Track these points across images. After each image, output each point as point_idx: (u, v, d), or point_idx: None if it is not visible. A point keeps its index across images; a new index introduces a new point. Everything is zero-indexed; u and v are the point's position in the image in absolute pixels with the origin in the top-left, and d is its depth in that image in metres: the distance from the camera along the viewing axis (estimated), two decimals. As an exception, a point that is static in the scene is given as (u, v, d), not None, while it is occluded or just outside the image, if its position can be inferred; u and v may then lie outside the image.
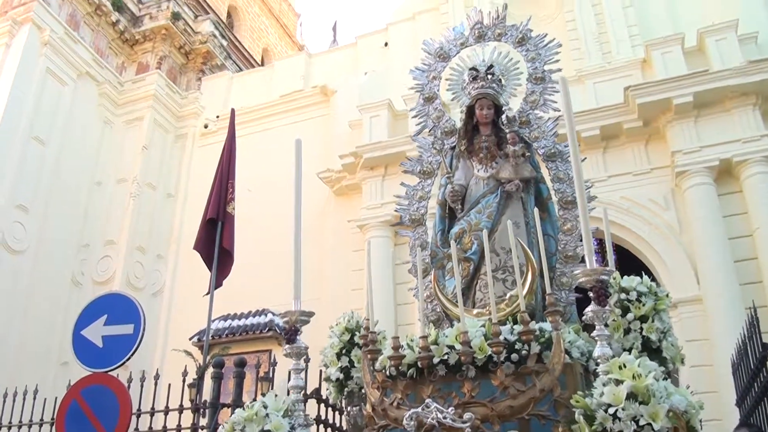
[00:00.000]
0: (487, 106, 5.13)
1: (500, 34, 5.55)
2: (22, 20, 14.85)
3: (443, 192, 5.19)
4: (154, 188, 16.13)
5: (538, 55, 5.42)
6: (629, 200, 11.74)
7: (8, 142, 13.75)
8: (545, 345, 3.57)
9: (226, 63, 18.96)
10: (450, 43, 5.70)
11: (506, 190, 4.93)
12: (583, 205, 3.30)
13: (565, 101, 3.43)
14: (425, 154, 5.53)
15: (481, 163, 5.17)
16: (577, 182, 3.31)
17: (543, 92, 5.33)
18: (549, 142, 5.19)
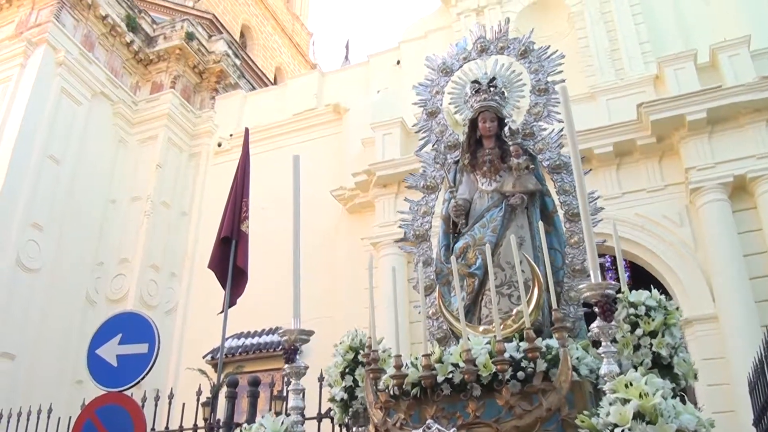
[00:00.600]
0: (489, 119, 5.07)
1: (503, 47, 5.52)
2: (38, 41, 15.02)
3: (447, 207, 5.11)
4: (168, 206, 16.21)
5: (541, 66, 5.37)
6: (643, 217, 11.67)
7: (23, 161, 13.87)
8: (552, 362, 3.48)
9: (239, 82, 19.08)
10: (453, 58, 5.66)
11: (511, 204, 4.85)
12: (586, 216, 3.21)
13: (566, 111, 3.36)
14: (429, 169, 5.48)
15: (485, 176, 5.09)
16: (579, 193, 3.24)
17: (547, 104, 5.26)
18: (554, 154, 5.13)
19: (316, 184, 14.61)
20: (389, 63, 16.18)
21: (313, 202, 14.50)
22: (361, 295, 13.49)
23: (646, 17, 13.73)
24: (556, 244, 4.90)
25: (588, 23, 14.16)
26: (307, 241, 13.89)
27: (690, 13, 13.59)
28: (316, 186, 14.51)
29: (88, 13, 16.38)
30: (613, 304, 3.01)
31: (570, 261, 4.83)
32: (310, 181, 14.80)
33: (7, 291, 12.88)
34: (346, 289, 13.39)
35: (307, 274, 14.67)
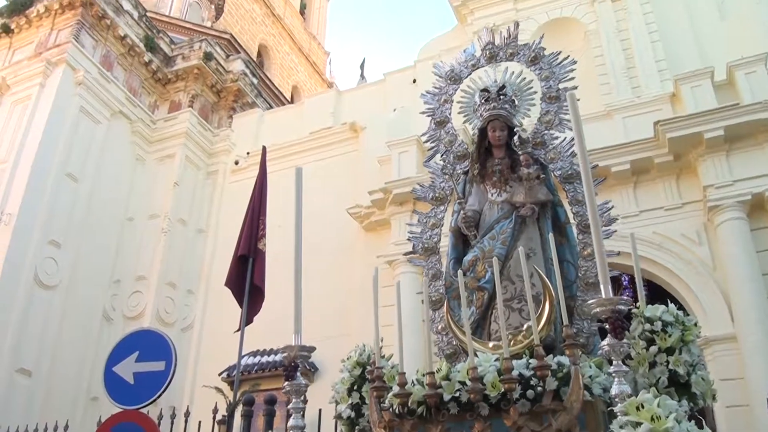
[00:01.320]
0: (499, 128, 4.93)
1: (512, 53, 5.37)
2: (57, 61, 15.21)
3: (456, 219, 4.98)
4: (185, 224, 16.28)
5: (552, 73, 5.20)
6: (661, 235, 11.58)
7: (42, 179, 14.00)
8: (563, 381, 3.31)
9: (256, 100, 19.20)
10: (461, 65, 5.52)
11: (521, 215, 4.70)
12: (596, 226, 3.01)
13: (575, 118, 3.20)
14: (438, 180, 5.32)
15: (495, 187, 4.93)
16: (589, 201, 3.04)
17: (558, 112, 5.10)
18: (566, 163, 4.96)
19: (332, 202, 14.64)
20: (405, 81, 16.23)
21: (329, 220, 14.53)
22: (382, 313, 13.41)
23: (662, 35, 13.71)
24: (568, 256, 4.73)
25: (604, 41, 14.16)
26: (324, 259, 14.07)
27: (706, 31, 13.56)
28: (333, 204, 14.54)
29: (107, 33, 16.56)
30: (625, 320, 2.83)
31: (583, 274, 4.65)
32: (326, 200, 14.89)
33: (24, 308, 12.96)
34: (362, 307, 13.36)
35: (323, 292, 14.77)
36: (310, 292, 13.63)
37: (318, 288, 13.69)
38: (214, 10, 25.91)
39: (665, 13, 14.01)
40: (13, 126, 14.75)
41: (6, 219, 13.34)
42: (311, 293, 13.33)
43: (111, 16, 16.55)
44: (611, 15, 14.45)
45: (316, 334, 12.31)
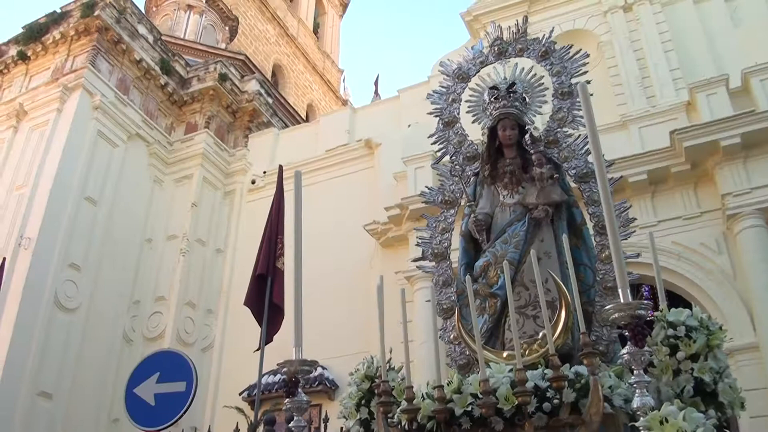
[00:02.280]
0: (510, 127, 4.72)
1: (522, 49, 5.17)
2: (73, 86, 15.36)
3: (466, 222, 4.75)
4: (204, 244, 16.35)
5: (564, 68, 4.99)
6: (680, 245, 11.50)
7: (61, 202, 14.11)
8: (582, 392, 3.14)
9: (272, 120, 19.30)
10: (469, 63, 5.31)
11: (534, 217, 4.47)
12: (612, 225, 2.73)
13: (587, 112, 2.94)
14: (447, 183, 5.09)
15: (506, 188, 4.71)
16: (604, 199, 2.77)
17: (571, 108, 4.88)
18: (580, 162, 4.74)
19: (349, 219, 14.67)
20: (419, 97, 16.20)
21: (346, 238, 14.55)
22: (398, 328, 13.37)
23: (675, 44, 13.68)
24: (585, 259, 4.50)
25: (617, 52, 14.16)
26: (342, 277, 14.08)
27: (719, 39, 13.52)
28: (350, 221, 14.56)
29: (122, 57, 16.73)
30: (646, 326, 2.60)
31: (602, 278, 4.42)
32: (343, 217, 14.94)
33: (45, 330, 13.02)
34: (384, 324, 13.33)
35: (342, 309, 14.72)
36: (329, 310, 13.69)
37: (337, 305, 13.69)
38: (228, 32, 26.13)
39: (678, 22, 13.98)
40: (31, 151, 14.89)
41: (26, 243, 13.44)
42: (330, 311, 13.47)
43: (126, 41, 16.72)
44: (624, 25, 14.45)
45: (335, 352, 12.41)
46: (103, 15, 16.15)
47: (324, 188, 15.84)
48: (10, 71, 16.98)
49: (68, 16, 16.58)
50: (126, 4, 17.20)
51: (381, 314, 3.87)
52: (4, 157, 15.24)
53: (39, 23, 16.91)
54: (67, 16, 16.61)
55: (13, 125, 15.59)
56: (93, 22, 16.08)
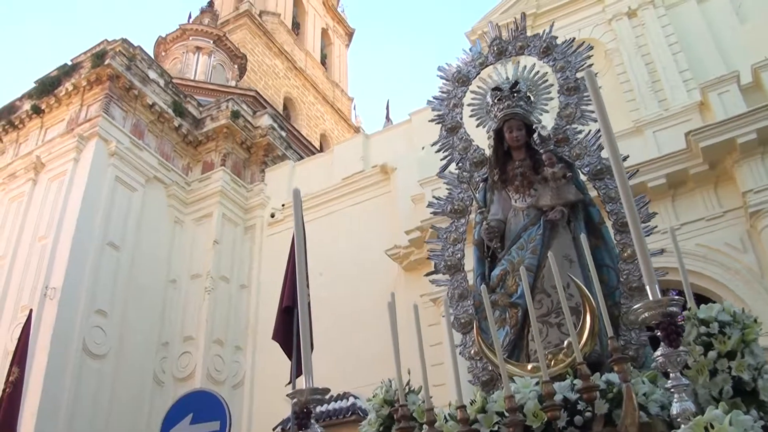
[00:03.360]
0: (516, 128, 4.54)
1: (522, 47, 4.99)
2: (89, 135, 15.54)
3: (478, 230, 4.57)
4: (228, 281, 16.38)
5: (568, 63, 4.81)
6: (705, 246, 11.37)
7: (84, 250, 14.22)
8: (615, 402, 2.95)
9: (286, 153, 19.39)
10: (468, 65, 5.13)
11: (550, 219, 4.27)
12: (634, 219, 2.49)
13: (597, 100, 2.72)
14: (455, 191, 4.91)
15: (518, 192, 4.52)
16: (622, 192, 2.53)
17: (579, 103, 4.71)
18: (593, 159, 4.55)
19: (370, 246, 14.67)
20: (431, 118, 16.29)
21: (368, 264, 14.54)
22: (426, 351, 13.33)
23: (682, 45, 13.65)
24: (607, 260, 4.29)
25: (625, 59, 14.14)
26: (366, 303, 14.05)
27: (726, 36, 13.47)
28: (371, 247, 14.56)
29: (135, 103, 16.92)
30: (680, 324, 2.39)
31: (626, 278, 4.21)
32: (364, 243, 14.95)
33: (75, 378, 13.06)
34: (408, 347, 13.27)
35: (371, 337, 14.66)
36: (354, 338, 13.65)
37: (366, 333, 13.64)
38: (237, 69, 26.39)
39: (683, 24, 13.96)
40: (51, 202, 15.05)
41: (51, 293, 13.54)
42: (355, 338, 13.44)
43: (138, 87, 16.91)
44: (629, 32, 14.44)
45: (368, 380, 12.27)
46: (114, 63, 16.37)
47: (343, 216, 15.88)
48: (25, 126, 17.21)
49: (79, 67, 16.83)
50: (135, 51, 17.43)
51: (394, 333, 3.68)
52: (25, 211, 15.39)
53: (51, 77, 17.16)
54: (78, 68, 16.86)
55: (31, 178, 15.78)
56: (104, 71, 16.30)
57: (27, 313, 11.51)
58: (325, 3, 36.34)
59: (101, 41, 17.16)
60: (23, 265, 14.46)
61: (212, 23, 27.01)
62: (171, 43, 25.88)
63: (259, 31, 30.02)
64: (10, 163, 16.67)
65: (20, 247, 14.85)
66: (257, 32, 29.93)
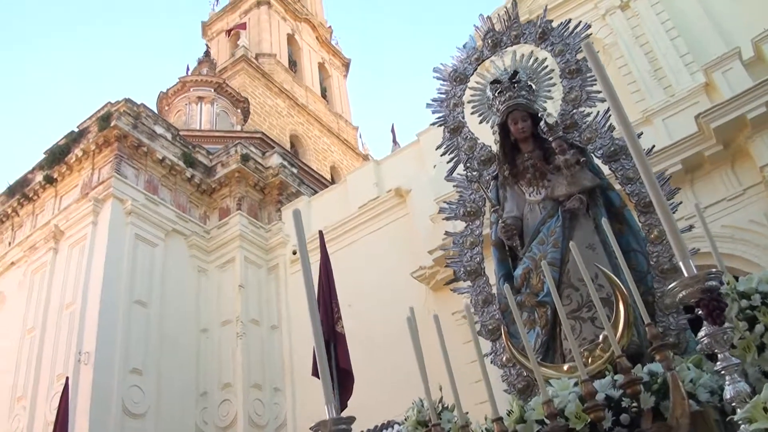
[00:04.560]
0: (521, 119, 4.39)
1: (517, 35, 4.84)
2: (104, 197, 15.66)
3: (495, 230, 4.39)
4: (258, 323, 16.36)
5: (566, 45, 4.65)
6: (730, 227, 11.24)
7: (112, 311, 14.26)
8: (661, 393, 2.77)
9: (300, 189, 19.45)
10: (464, 63, 4.99)
11: (568, 209, 4.09)
12: (658, 195, 2.26)
13: (599, 71, 2.53)
14: (466, 193, 4.77)
15: (531, 185, 4.36)
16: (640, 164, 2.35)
17: (583, 85, 4.54)
18: (606, 140, 4.37)
19: (395, 270, 14.60)
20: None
21: (396, 289, 14.46)
22: (463, 369, 13.15)
23: (679, 30, 13.58)
24: (634, 244, 4.08)
25: (625, 51, 14.09)
26: (397, 328, 13.83)
27: (722, 13, 13.39)
28: (395, 272, 14.50)
29: (146, 159, 17.05)
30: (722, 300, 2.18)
31: (656, 261, 4.00)
32: (388, 269, 14.89)
33: (118, 440, 13.06)
34: (443, 370, 13.15)
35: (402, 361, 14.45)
36: (391, 364, 13.53)
37: (397, 357, 13.49)
38: (241, 113, 26.57)
39: (677, 7, 13.91)
40: (74, 268, 15.12)
41: (85, 358, 13.56)
42: (391, 364, 13.33)
43: (147, 143, 17.05)
44: (625, 24, 14.41)
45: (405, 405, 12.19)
46: (120, 124, 16.52)
47: (364, 245, 15.84)
48: (39, 197, 17.38)
49: (87, 132, 16.99)
50: (140, 109, 17.60)
51: (417, 348, 3.60)
52: (49, 280, 15.46)
53: (60, 145, 17.33)
54: (85, 133, 17.02)
55: (52, 247, 15.88)
56: (111, 132, 16.44)
57: (63, 381, 11.54)
58: (318, 38, 36.62)
59: (105, 104, 17.31)
60: (54, 334, 14.50)
61: (211, 72, 27.23)
62: (173, 96, 26.12)
63: (257, 74, 30.27)
64: (29, 235, 16.81)
65: (49, 316, 14.90)
66: (256, 75, 30.18)
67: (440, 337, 3.61)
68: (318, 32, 36.71)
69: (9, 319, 15.75)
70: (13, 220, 17.78)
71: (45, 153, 17.51)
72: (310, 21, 36.44)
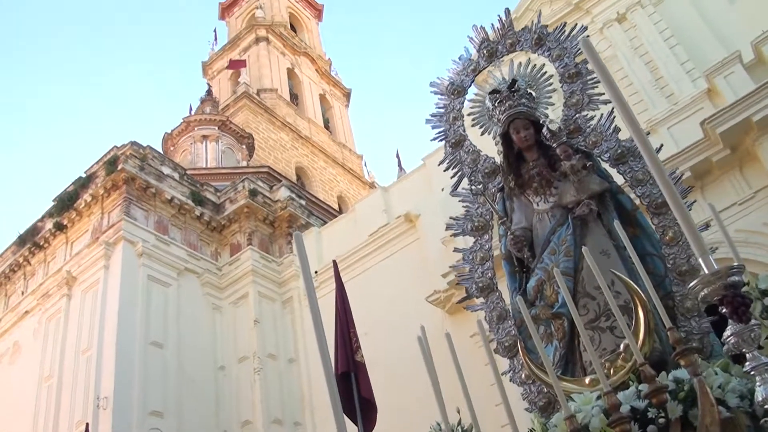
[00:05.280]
0: (523, 127, 4.30)
1: (513, 43, 4.78)
2: (114, 240, 15.70)
3: (504, 243, 4.30)
4: (275, 358, 16.28)
5: (564, 49, 4.58)
6: (744, 231, 11.15)
7: (129, 354, 14.23)
8: (689, 401, 2.65)
9: (309, 220, 19.45)
10: (460, 75, 4.94)
11: (577, 216, 3.98)
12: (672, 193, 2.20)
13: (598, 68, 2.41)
14: (472, 207, 4.65)
15: (538, 194, 4.26)
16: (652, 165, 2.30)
17: (584, 89, 4.46)
18: (612, 143, 4.27)
19: (409, 296, 14.53)
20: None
21: (411, 315, 14.35)
22: (486, 391, 13.04)
23: (678, 38, 13.60)
24: (649, 247, 3.96)
25: (624, 63, 14.11)
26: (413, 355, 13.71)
27: (718, 18, 13.40)
28: (410, 297, 14.42)
29: (154, 200, 17.11)
30: (746, 295, 2.04)
31: (673, 263, 3.87)
32: (403, 295, 14.81)
33: (141, 485, 12.97)
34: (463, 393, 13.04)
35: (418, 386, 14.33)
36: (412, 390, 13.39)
37: (414, 385, 13.40)
38: (246, 149, 26.69)
39: (674, 16, 13.94)
40: (88, 313, 15.12)
41: (104, 403, 13.50)
42: (413, 391, 13.16)
43: (154, 184, 17.12)
44: (623, 35, 14.44)
45: None
46: (127, 167, 16.60)
47: (377, 272, 15.79)
48: (50, 244, 17.43)
49: (94, 177, 17.08)
50: (146, 151, 17.71)
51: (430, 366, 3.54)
52: (64, 327, 15.45)
53: (68, 192, 17.42)
54: (93, 178, 17.12)
55: (65, 294, 15.89)
56: (119, 176, 16.53)
57: (83, 428, 11.50)
58: (318, 70, 36.87)
59: (111, 148, 17.44)
60: (71, 380, 14.46)
61: (214, 110, 27.40)
62: (177, 136, 26.28)
63: (259, 109, 30.45)
64: (42, 283, 16.85)
65: (65, 363, 14.87)
66: (258, 110, 30.36)
67: (453, 356, 3.60)
68: (317, 65, 36.97)
69: (26, 368, 15.72)
70: (25, 269, 17.83)
71: (54, 200, 17.59)
72: (309, 54, 36.72)
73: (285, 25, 37.33)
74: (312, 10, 41.69)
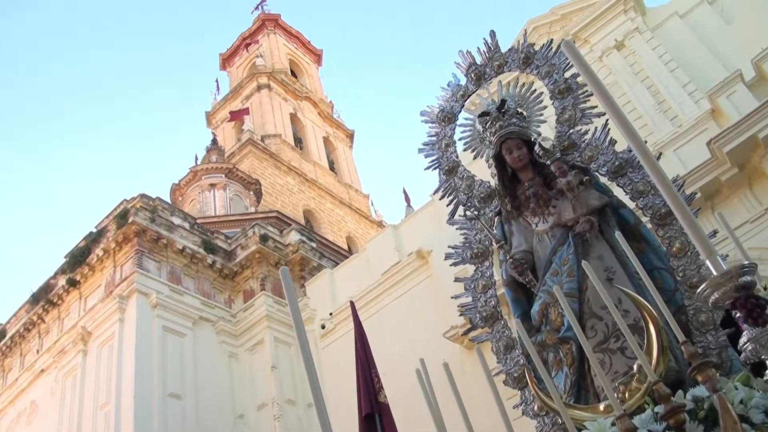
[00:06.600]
0: (515, 147, 4.24)
1: (500, 65, 4.75)
2: (128, 293, 15.69)
3: (505, 269, 4.21)
4: (294, 403, 16.15)
5: (552, 66, 4.55)
6: (758, 249, 11.13)
7: (147, 408, 14.13)
8: (710, 420, 2.50)
9: (321, 262, 19.44)
10: (449, 101, 4.90)
11: (578, 234, 3.87)
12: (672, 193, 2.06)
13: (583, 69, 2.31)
14: (470, 234, 4.61)
15: (536, 214, 4.16)
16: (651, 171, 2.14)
17: (576, 103, 4.41)
18: (608, 156, 4.17)
19: (426, 333, 14.43)
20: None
21: (429, 352, 14.17)
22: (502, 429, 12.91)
23: (678, 61, 13.70)
24: (656, 261, 3.83)
25: (626, 89, 14.20)
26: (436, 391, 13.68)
27: (717, 39, 13.53)
28: (427, 334, 14.32)
29: (166, 251, 17.15)
30: (761, 296, 1.90)
31: (682, 276, 3.72)
32: (419, 332, 14.71)
33: None
34: (488, 425, 12.92)
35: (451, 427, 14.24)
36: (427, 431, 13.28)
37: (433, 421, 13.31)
38: (254, 195, 26.81)
39: (672, 40, 14.06)
40: (105, 368, 15.04)
41: (124, 458, 13.42)
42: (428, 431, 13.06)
43: (166, 235, 17.17)
44: (622, 62, 14.56)
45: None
46: (138, 220, 16.67)
47: (391, 310, 15.72)
48: (64, 300, 17.44)
49: (105, 231, 17.14)
50: (156, 203, 17.80)
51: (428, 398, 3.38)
52: (81, 382, 15.37)
53: (80, 247, 17.46)
54: (104, 232, 17.17)
55: (81, 349, 15.83)
56: (130, 228, 16.59)
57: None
58: (320, 114, 37.17)
59: (121, 201, 17.52)
60: (90, 436, 14.37)
61: (220, 159, 27.60)
62: (185, 186, 26.43)
63: (264, 155, 30.64)
64: (57, 340, 16.81)
65: (84, 419, 14.75)
66: (263, 156, 30.55)
67: (453, 388, 3.57)
68: (319, 108, 37.28)
69: (43, 427, 15.63)
70: (39, 327, 17.82)
71: (66, 257, 17.62)
72: (311, 98, 37.05)
73: (286, 71, 37.75)
74: (311, 55, 42.18)
